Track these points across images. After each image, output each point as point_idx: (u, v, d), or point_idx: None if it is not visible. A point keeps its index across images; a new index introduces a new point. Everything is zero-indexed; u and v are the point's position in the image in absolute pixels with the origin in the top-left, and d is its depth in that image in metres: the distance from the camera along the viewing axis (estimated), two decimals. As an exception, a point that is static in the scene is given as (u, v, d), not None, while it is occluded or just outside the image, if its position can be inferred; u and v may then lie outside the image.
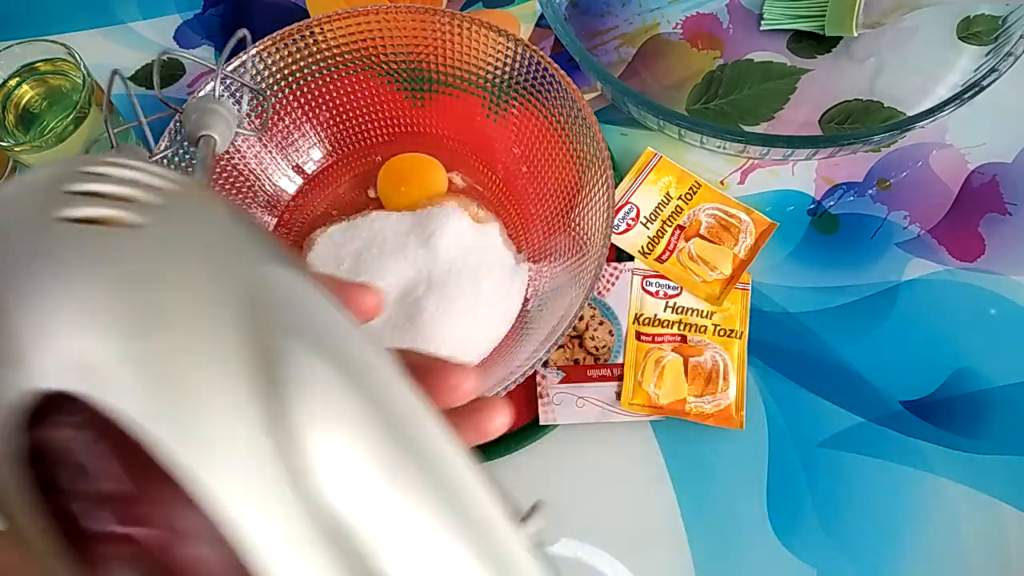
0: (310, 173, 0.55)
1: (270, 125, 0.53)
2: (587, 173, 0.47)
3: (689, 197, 0.53)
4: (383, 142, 0.56)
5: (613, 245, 0.52)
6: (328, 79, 0.53)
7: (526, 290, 0.50)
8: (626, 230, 0.52)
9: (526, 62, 0.49)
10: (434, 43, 0.51)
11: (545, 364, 0.49)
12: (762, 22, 0.59)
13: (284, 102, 0.53)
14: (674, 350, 0.49)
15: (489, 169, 0.54)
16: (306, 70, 0.52)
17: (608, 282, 0.51)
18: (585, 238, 0.46)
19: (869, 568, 0.44)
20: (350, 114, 0.55)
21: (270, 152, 0.53)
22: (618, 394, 0.48)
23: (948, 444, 0.47)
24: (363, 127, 0.56)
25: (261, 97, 0.48)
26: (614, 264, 0.52)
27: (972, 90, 0.49)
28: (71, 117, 0.49)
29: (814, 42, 0.58)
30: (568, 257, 0.48)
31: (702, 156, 0.55)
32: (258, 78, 0.51)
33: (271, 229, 0.54)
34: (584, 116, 0.46)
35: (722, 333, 0.49)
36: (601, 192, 0.45)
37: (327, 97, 0.54)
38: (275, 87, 0.52)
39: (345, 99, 0.54)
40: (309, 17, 0.52)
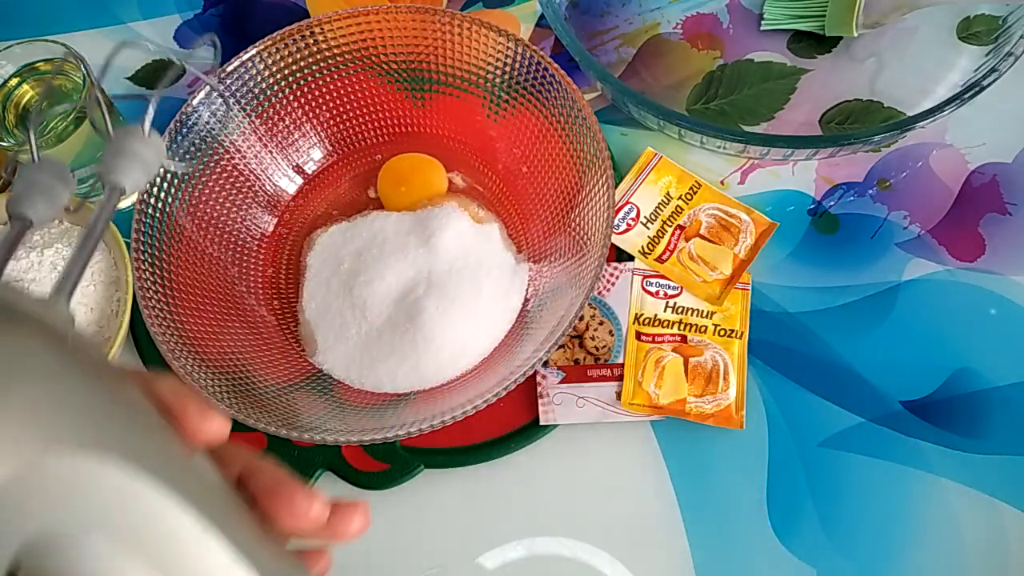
0: (310, 173, 0.55)
1: (270, 126, 0.53)
2: (587, 173, 0.47)
3: (689, 197, 0.53)
4: (383, 142, 0.56)
5: (613, 245, 0.52)
6: (328, 79, 0.53)
7: (526, 290, 0.50)
8: (626, 230, 0.52)
9: (526, 62, 0.49)
10: (434, 43, 0.51)
11: (545, 364, 0.49)
12: (762, 22, 0.59)
13: (284, 102, 0.53)
14: (674, 350, 0.49)
15: (489, 169, 0.54)
16: (306, 70, 0.52)
17: (608, 282, 0.51)
18: (585, 238, 0.46)
19: (869, 568, 0.44)
20: (350, 114, 0.55)
21: (270, 152, 0.53)
22: (618, 394, 0.48)
23: (948, 444, 0.47)
24: (363, 127, 0.56)
25: (227, 106, 0.48)
26: (614, 264, 0.52)
27: (972, 90, 0.49)
28: (71, 117, 0.49)
29: (814, 42, 0.58)
30: (568, 257, 0.48)
31: (702, 156, 0.55)
32: (258, 78, 0.51)
33: (271, 230, 0.54)
34: (584, 116, 0.46)
35: (722, 333, 0.49)
36: (601, 192, 0.45)
37: (327, 97, 0.54)
38: (275, 87, 0.52)
39: (345, 99, 0.54)
40: (309, 17, 0.52)
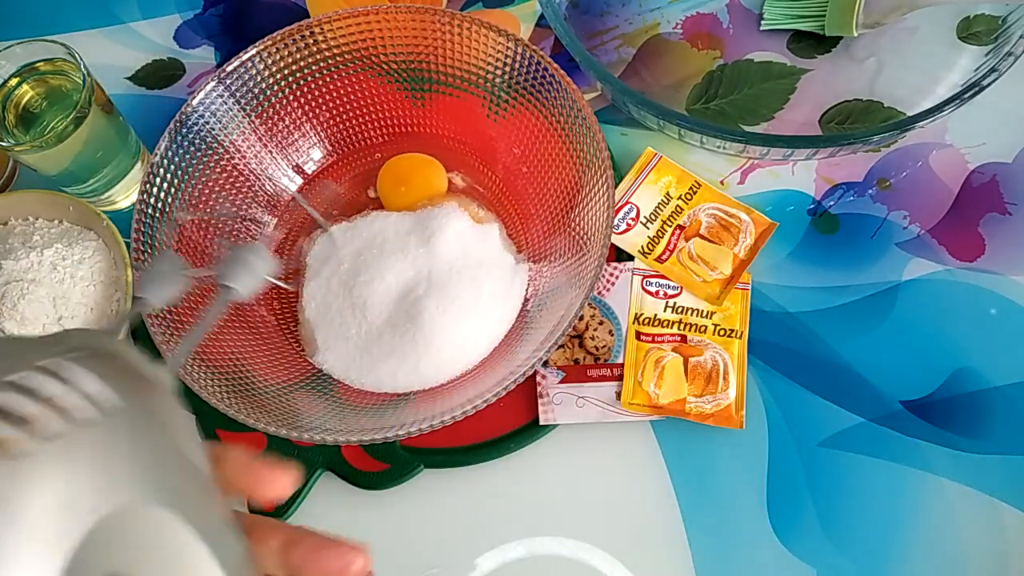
0: (310, 173, 0.55)
1: (270, 126, 0.53)
2: (587, 173, 0.47)
3: (689, 197, 0.53)
4: (383, 142, 0.56)
5: (613, 245, 0.52)
6: (328, 79, 0.53)
7: (526, 290, 0.50)
8: (626, 230, 0.52)
9: (526, 62, 0.49)
10: (434, 43, 0.51)
11: (545, 364, 0.49)
12: (762, 22, 0.59)
13: (284, 102, 0.53)
14: (674, 350, 0.49)
15: (489, 169, 0.54)
16: (306, 70, 0.52)
17: (608, 282, 0.51)
18: (585, 238, 0.46)
19: (869, 568, 0.44)
20: (350, 114, 0.55)
21: (270, 152, 0.53)
22: (618, 394, 0.48)
23: (948, 444, 0.47)
24: (363, 127, 0.56)
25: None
26: (614, 264, 0.52)
27: (972, 90, 0.49)
28: (71, 117, 0.49)
29: (814, 42, 0.58)
30: (568, 257, 0.48)
31: (702, 156, 0.55)
32: (258, 78, 0.51)
33: (271, 229, 0.54)
34: (584, 116, 0.46)
35: (722, 333, 0.49)
36: (601, 192, 0.45)
37: (327, 97, 0.54)
38: (275, 87, 0.52)
39: (345, 99, 0.54)
40: (309, 17, 0.52)
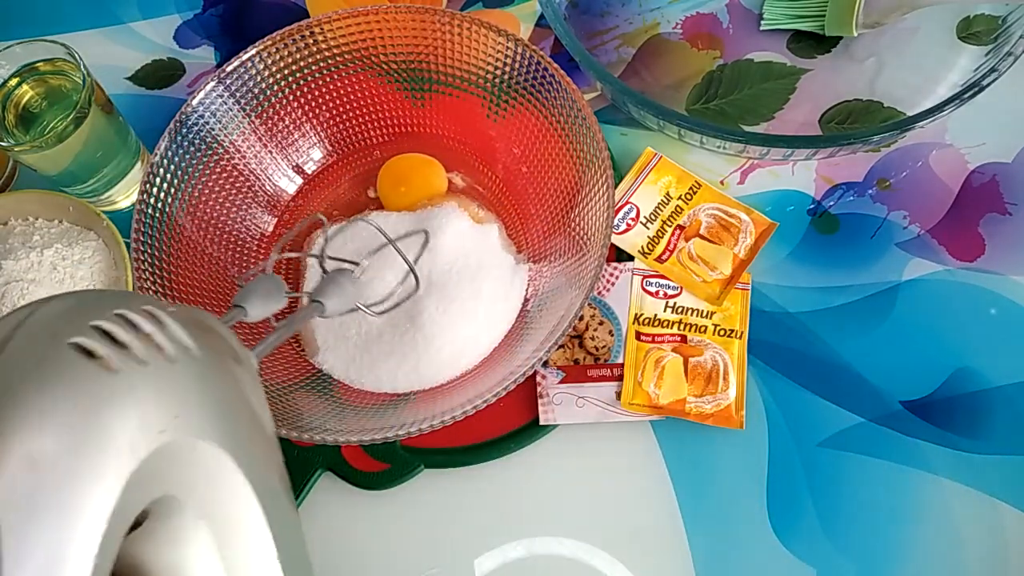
0: (310, 173, 0.55)
1: (270, 126, 0.53)
2: (587, 173, 0.47)
3: (689, 197, 0.53)
4: (383, 142, 0.56)
5: (613, 245, 0.52)
6: (328, 79, 0.53)
7: (526, 290, 0.50)
8: (626, 230, 0.52)
9: (526, 62, 0.49)
10: (434, 43, 0.51)
11: (545, 364, 0.49)
12: (762, 22, 0.59)
13: (284, 102, 0.53)
14: (674, 350, 0.49)
15: (489, 169, 0.54)
16: (306, 70, 0.52)
17: (608, 282, 0.51)
18: (585, 238, 0.46)
19: (869, 568, 0.44)
20: (350, 114, 0.55)
21: (270, 152, 0.53)
22: (618, 394, 0.48)
23: (948, 444, 0.47)
24: (363, 127, 0.56)
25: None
26: (614, 264, 0.52)
27: (972, 90, 0.49)
28: (71, 117, 0.49)
29: (814, 42, 0.58)
30: (568, 257, 0.48)
31: (702, 156, 0.55)
32: (258, 78, 0.51)
33: (271, 230, 0.54)
34: (584, 116, 0.46)
35: (722, 333, 0.49)
36: (601, 192, 0.45)
37: (327, 97, 0.54)
38: (275, 87, 0.52)
39: (345, 99, 0.54)
40: (309, 17, 0.52)
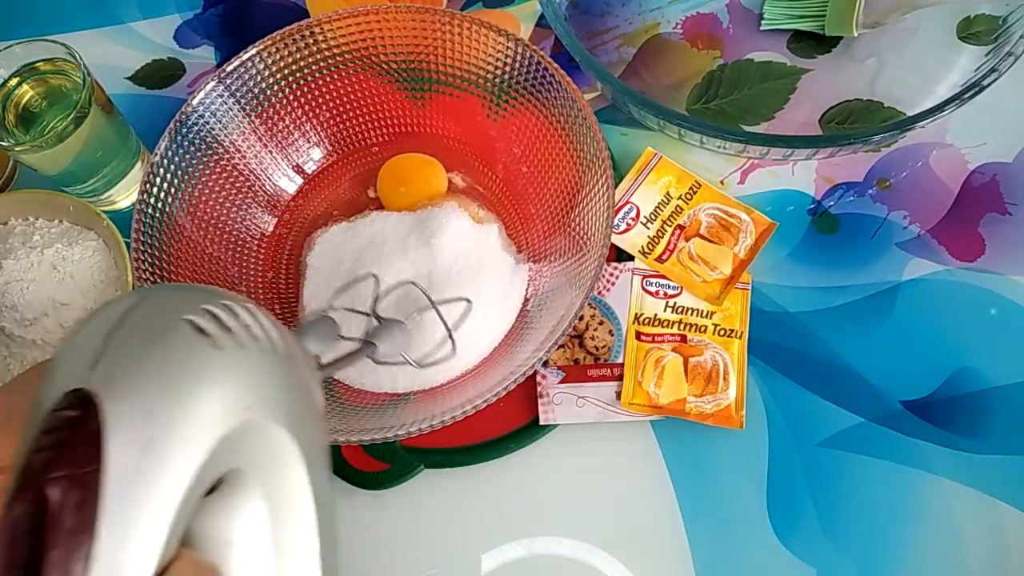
0: (310, 173, 0.55)
1: (270, 126, 0.53)
2: (587, 173, 0.47)
3: (689, 197, 0.53)
4: (383, 142, 0.56)
5: (613, 245, 0.52)
6: (328, 79, 0.53)
7: (526, 290, 0.50)
8: (626, 230, 0.52)
9: (526, 62, 0.49)
10: (434, 43, 0.51)
11: (545, 364, 0.49)
12: (762, 22, 0.59)
13: (284, 102, 0.53)
14: (674, 350, 0.49)
15: (489, 169, 0.54)
16: (306, 70, 0.52)
17: (608, 282, 0.51)
18: (585, 238, 0.46)
19: (869, 568, 0.44)
20: (350, 114, 0.55)
21: (270, 152, 0.53)
22: (618, 394, 0.48)
23: (948, 444, 0.47)
24: (363, 127, 0.56)
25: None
26: (614, 264, 0.52)
27: (972, 90, 0.49)
28: (71, 117, 0.49)
29: (814, 42, 0.58)
30: (568, 257, 0.48)
31: (702, 156, 0.55)
32: (258, 77, 0.51)
33: (271, 230, 0.54)
34: (584, 116, 0.46)
35: (722, 333, 0.49)
36: (601, 192, 0.45)
37: (327, 97, 0.54)
38: (275, 87, 0.52)
39: (345, 99, 0.54)
40: (309, 17, 0.52)
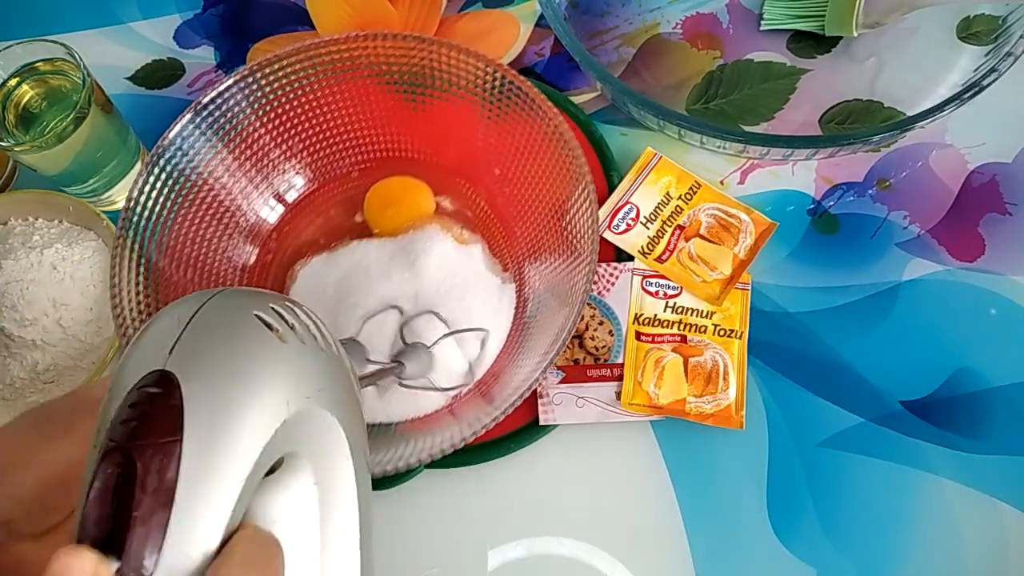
0: (291, 201, 0.54)
1: (250, 155, 0.51)
2: (568, 189, 0.46)
3: (689, 197, 0.53)
4: (364, 168, 0.55)
5: (613, 245, 0.52)
6: (308, 106, 0.51)
7: (515, 309, 0.49)
8: (626, 230, 0.52)
9: (501, 84, 0.47)
10: (414, 69, 0.49)
11: (545, 364, 0.49)
12: (762, 22, 0.59)
13: (263, 131, 0.51)
14: (674, 350, 0.49)
15: (472, 190, 0.53)
16: (283, 99, 0.50)
17: (608, 282, 0.51)
18: (575, 244, 0.45)
19: (869, 568, 0.44)
20: (331, 140, 0.53)
21: (251, 181, 0.52)
22: (618, 394, 0.48)
23: (948, 444, 0.47)
24: (344, 153, 0.54)
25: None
26: (614, 264, 0.52)
27: (972, 90, 0.49)
28: (71, 117, 0.49)
29: (814, 42, 0.58)
30: (558, 268, 0.47)
31: (702, 156, 0.55)
32: (235, 108, 0.49)
33: (252, 260, 0.53)
34: (561, 132, 0.45)
35: (722, 333, 0.49)
36: (584, 207, 0.44)
37: (307, 124, 0.52)
38: (252, 117, 0.50)
39: (325, 125, 0.52)
40: (309, 17, 0.52)
